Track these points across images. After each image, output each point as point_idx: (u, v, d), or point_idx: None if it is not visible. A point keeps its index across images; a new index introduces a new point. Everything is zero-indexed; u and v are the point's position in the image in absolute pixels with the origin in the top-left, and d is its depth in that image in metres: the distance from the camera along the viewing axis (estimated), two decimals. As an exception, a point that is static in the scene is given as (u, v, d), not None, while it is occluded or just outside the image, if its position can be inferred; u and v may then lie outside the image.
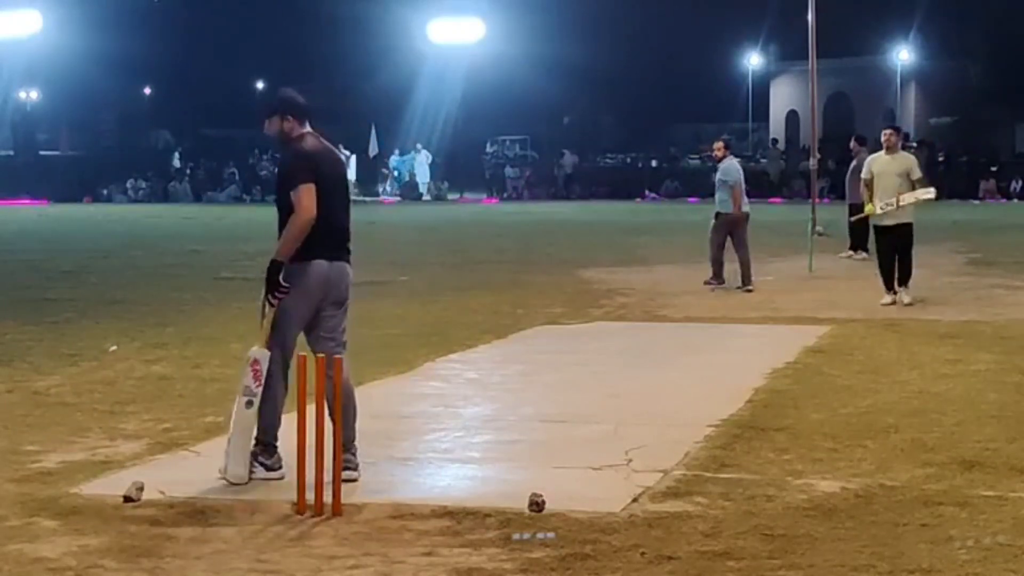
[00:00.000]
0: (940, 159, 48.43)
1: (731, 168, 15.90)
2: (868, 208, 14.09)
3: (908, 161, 14.10)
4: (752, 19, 59.16)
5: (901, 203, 13.58)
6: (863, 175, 14.35)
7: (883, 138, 14.11)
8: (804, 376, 9.30)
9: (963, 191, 43.56)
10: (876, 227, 14.18)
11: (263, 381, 6.29)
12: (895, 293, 13.76)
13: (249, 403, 6.30)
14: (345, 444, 6.19)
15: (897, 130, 14.43)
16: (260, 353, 6.32)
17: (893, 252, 13.78)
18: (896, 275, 13.77)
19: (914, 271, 13.94)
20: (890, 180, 13.70)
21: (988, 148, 49.26)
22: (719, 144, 16.29)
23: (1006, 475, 6.44)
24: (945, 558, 5.17)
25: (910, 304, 13.57)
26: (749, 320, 12.82)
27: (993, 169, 45.55)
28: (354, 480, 6.25)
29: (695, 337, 11.72)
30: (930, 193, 13.85)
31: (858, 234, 19.01)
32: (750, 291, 15.20)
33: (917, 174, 13.83)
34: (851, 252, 19.51)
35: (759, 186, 47.55)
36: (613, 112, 64.29)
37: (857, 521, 5.68)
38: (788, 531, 5.52)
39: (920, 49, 60.48)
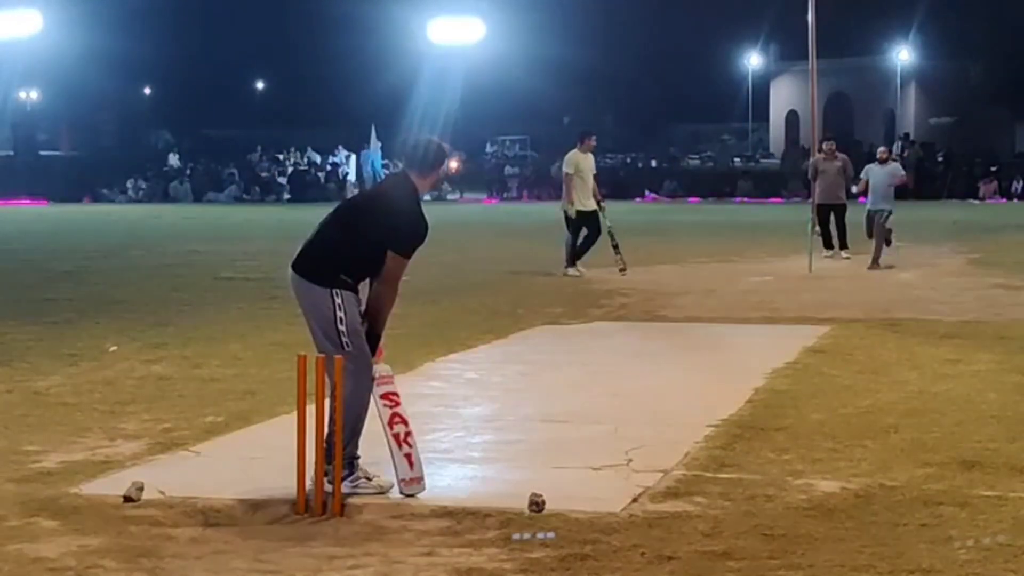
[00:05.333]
0: (940, 159, 48.45)
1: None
2: None
3: None
4: (752, 19, 59.26)
5: None
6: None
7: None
8: (804, 376, 9.30)
9: (963, 191, 43.58)
10: None
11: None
12: None
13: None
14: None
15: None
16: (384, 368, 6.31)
17: None
18: None
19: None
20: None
21: (988, 148, 49.27)
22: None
23: (1006, 475, 6.44)
24: (945, 558, 5.17)
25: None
26: (749, 320, 12.82)
27: (993, 169, 45.54)
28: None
29: (695, 337, 11.72)
30: None
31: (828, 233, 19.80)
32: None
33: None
34: (832, 251, 19.73)
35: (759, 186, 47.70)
36: (613, 112, 64.33)
37: (857, 521, 5.68)
38: (788, 531, 5.52)
39: (920, 49, 60.54)
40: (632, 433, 7.39)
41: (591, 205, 17.29)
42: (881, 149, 19.89)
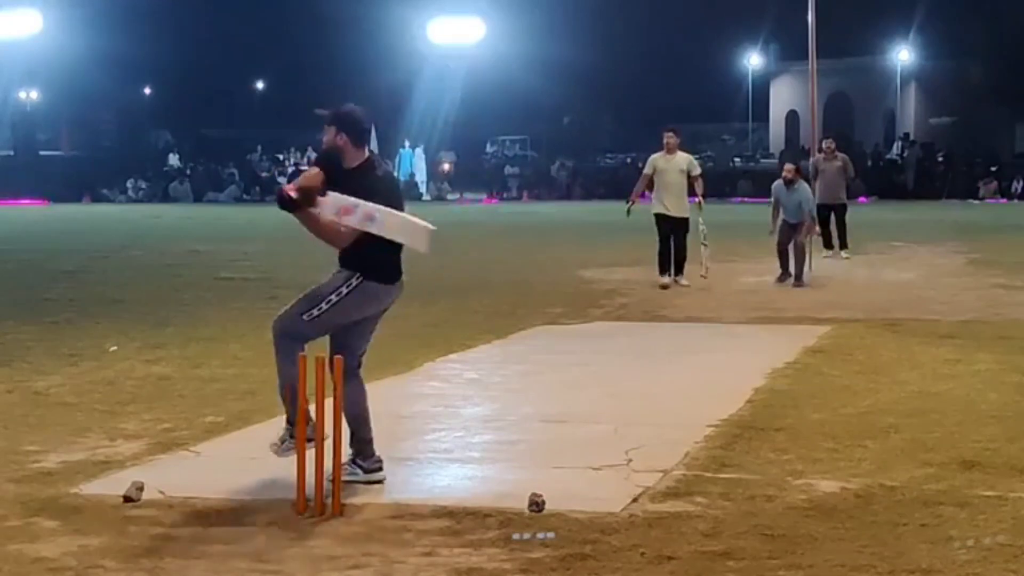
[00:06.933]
0: (940, 159, 48.45)
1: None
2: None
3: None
4: (752, 19, 59.21)
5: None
6: None
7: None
8: (804, 376, 9.30)
9: (963, 191, 43.58)
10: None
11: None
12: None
13: None
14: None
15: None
16: None
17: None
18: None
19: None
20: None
21: (988, 148, 49.26)
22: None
23: (1006, 475, 6.44)
24: (945, 558, 5.17)
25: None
26: (749, 320, 12.82)
27: (993, 169, 45.52)
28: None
29: (695, 337, 11.72)
30: None
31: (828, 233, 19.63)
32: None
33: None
34: (831, 251, 19.71)
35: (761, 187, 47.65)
36: (612, 112, 64.29)
37: (857, 521, 5.68)
38: (788, 531, 5.52)
39: (920, 49, 60.50)
40: (632, 433, 7.40)
41: (674, 210, 16.15)
42: (788, 166, 16.84)
